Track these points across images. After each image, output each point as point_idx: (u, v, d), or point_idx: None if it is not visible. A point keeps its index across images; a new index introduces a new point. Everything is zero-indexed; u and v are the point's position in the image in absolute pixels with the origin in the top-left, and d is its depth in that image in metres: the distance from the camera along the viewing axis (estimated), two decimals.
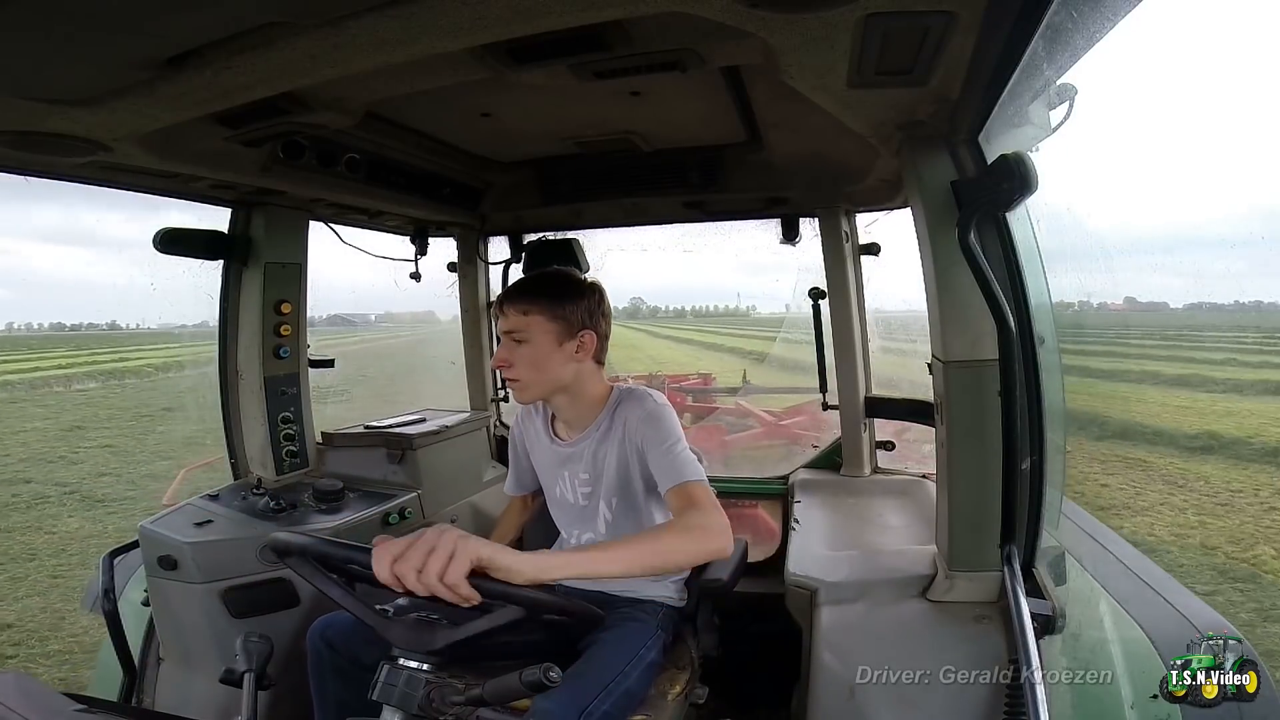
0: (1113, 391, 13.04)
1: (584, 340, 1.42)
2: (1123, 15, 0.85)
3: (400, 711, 0.91)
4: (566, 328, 1.41)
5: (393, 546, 0.89)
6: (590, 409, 1.49)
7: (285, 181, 1.62)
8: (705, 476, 1.32)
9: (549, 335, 1.40)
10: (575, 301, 1.42)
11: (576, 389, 1.46)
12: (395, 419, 2.21)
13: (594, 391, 1.48)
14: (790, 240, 2.23)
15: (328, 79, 1.01)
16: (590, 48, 1.05)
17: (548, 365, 1.41)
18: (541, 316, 1.40)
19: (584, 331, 1.42)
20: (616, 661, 1.28)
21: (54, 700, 0.84)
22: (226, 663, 1.09)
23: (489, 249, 2.50)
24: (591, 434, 1.48)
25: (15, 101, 1.01)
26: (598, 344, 1.45)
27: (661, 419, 1.39)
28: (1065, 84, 1.16)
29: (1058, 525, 1.33)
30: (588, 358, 1.44)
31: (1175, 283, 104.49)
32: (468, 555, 0.87)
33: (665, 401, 1.45)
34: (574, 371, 1.44)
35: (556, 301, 1.41)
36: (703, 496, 1.27)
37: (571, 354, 1.42)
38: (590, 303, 1.44)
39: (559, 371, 1.42)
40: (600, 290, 1.48)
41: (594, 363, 1.47)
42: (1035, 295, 1.24)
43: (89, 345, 44.94)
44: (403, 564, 0.87)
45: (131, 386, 18.81)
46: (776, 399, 8.78)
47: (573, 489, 1.53)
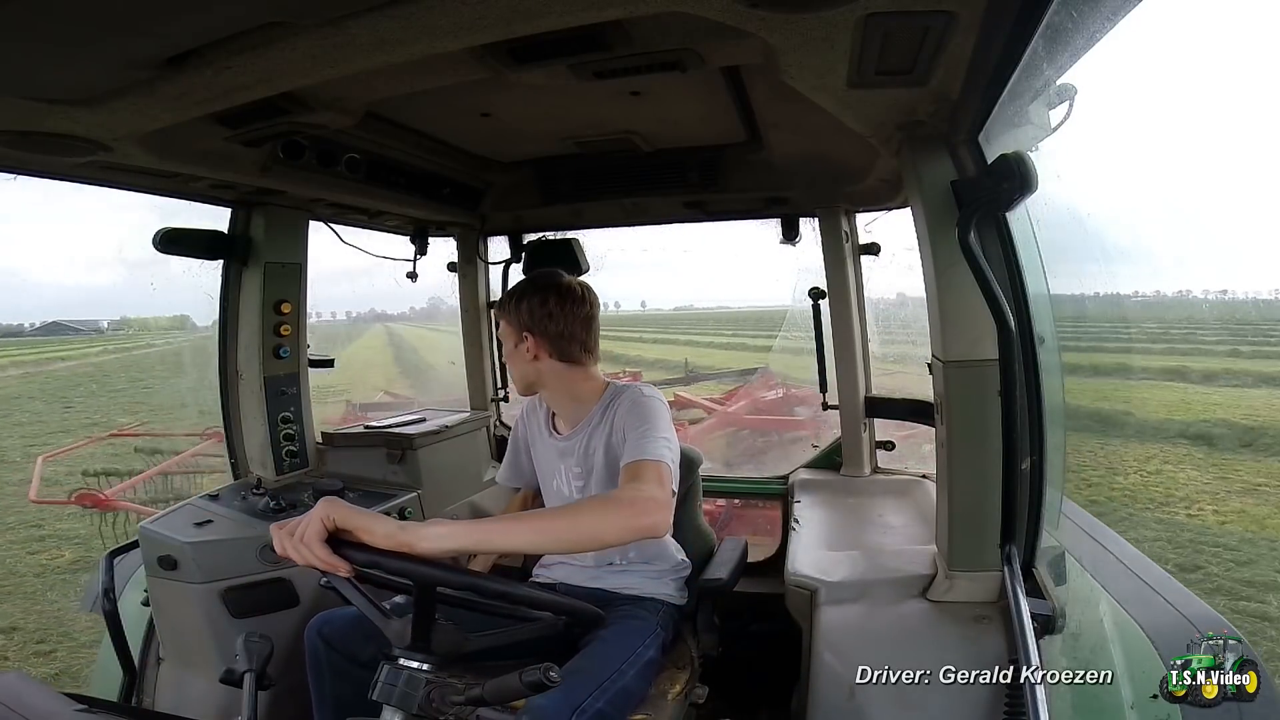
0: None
1: (529, 342, 1.46)
2: (1123, 15, 0.85)
3: (400, 711, 0.91)
4: (515, 330, 1.48)
5: (289, 522, 0.95)
6: (579, 405, 1.51)
7: (285, 181, 1.62)
8: (669, 460, 1.27)
9: (508, 337, 1.50)
10: (517, 305, 1.48)
11: (553, 386, 1.50)
12: (395, 419, 2.21)
13: (582, 388, 1.50)
14: (790, 240, 2.23)
15: (328, 79, 1.01)
16: (590, 48, 1.05)
17: (513, 365, 1.52)
18: (502, 320, 1.52)
19: (525, 333, 1.46)
20: (614, 659, 1.28)
21: (54, 700, 0.84)
22: (226, 663, 1.08)
23: (489, 249, 2.50)
24: (584, 429, 1.51)
25: (15, 101, 1.01)
26: (547, 344, 1.46)
27: (646, 406, 1.39)
28: (1065, 84, 1.16)
29: (1058, 525, 1.33)
30: (544, 357, 1.47)
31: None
32: (319, 515, 0.92)
33: (655, 393, 1.46)
34: (538, 371, 1.48)
35: (506, 304, 1.51)
36: (648, 472, 1.22)
37: (525, 355, 1.47)
38: (530, 304, 1.46)
39: (524, 370, 1.50)
40: (549, 291, 1.47)
41: (557, 362, 1.47)
42: (1035, 295, 1.24)
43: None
44: (281, 531, 0.93)
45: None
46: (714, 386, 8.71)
47: (567, 482, 1.55)
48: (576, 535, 1.05)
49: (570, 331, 1.47)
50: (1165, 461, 8.33)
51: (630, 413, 1.39)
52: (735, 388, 8.46)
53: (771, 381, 8.74)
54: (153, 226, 1.73)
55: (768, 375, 9.08)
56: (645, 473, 1.22)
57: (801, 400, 7.74)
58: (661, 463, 1.25)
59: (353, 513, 0.93)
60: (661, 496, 1.16)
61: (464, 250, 2.47)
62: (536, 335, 1.46)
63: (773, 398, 8.10)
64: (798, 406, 7.70)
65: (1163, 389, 13.15)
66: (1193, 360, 16.45)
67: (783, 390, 8.25)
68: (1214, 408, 11.18)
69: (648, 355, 16.82)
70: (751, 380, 9.20)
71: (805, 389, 8.12)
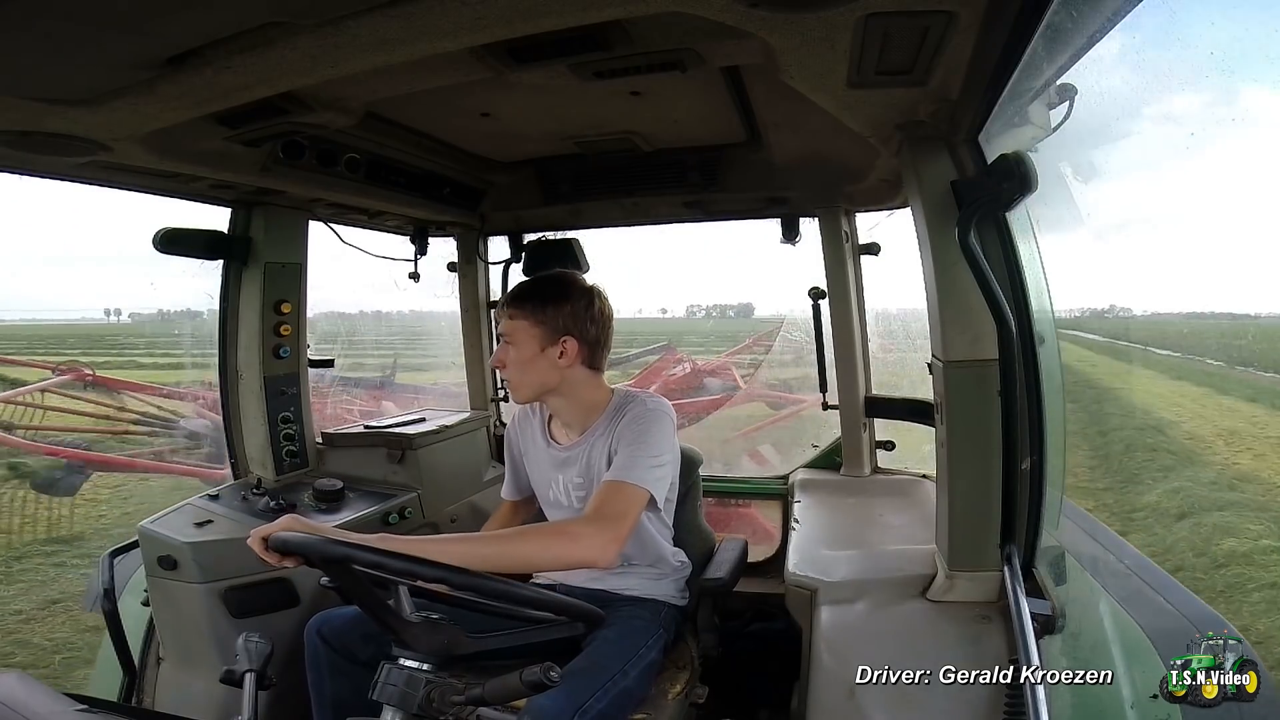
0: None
1: (566, 346, 1.40)
2: (1123, 15, 0.85)
3: (400, 711, 0.91)
4: (548, 333, 1.40)
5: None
6: (588, 413, 1.47)
7: (285, 181, 1.62)
8: (649, 487, 1.28)
9: (533, 340, 1.41)
10: (558, 306, 1.41)
11: (569, 392, 1.46)
12: (395, 419, 2.21)
13: (591, 396, 1.47)
14: (790, 240, 2.23)
15: (328, 79, 1.01)
16: (590, 47, 1.05)
17: (532, 369, 1.42)
18: (526, 321, 1.41)
19: (565, 338, 1.40)
20: (616, 660, 1.28)
21: (54, 700, 0.84)
22: (226, 663, 1.09)
23: (489, 249, 2.50)
24: (589, 438, 1.47)
25: (15, 101, 1.01)
26: (585, 350, 1.42)
27: (647, 421, 1.37)
28: (1065, 84, 1.16)
29: (1058, 525, 1.33)
30: (574, 363, 1.42)
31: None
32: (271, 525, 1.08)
33: (661, 406, 1.43)
34: (560, 377, 1.43)
35: (539, 306, 1.41)
36: (617, 500, 1.24)
37: (555, 360, 1.41)
38: (576, 308, 1.41)
39: (544, 376, 1.42)
40: (593, 294, 1.45)
41: (585, 369, 1.44)
42: (1035, 295, 1.24)
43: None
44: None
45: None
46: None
47: (566, 492, 1.51)
48: (507, 563, 1.12)
49: (604, 338, 1.45)
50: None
51: (630, 425, 1.37)
52: (643, 370, 8.32)
53: (676, 356, 8.66)
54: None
55: (672, 351, 9.01)
56: (614, 501, 1.24)
57: (711, 372, 7.73)
58: (638, 488, 1.26)
59: (293, 523, 1.08)
60: (616, 530, 1.20)
61: (464, 250, 2.47)
62: (578, 339, 1.41)
63: (681, 374, 8.04)
64: (707, 378, 7.68)
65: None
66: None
67: (689, 364, 8.19)
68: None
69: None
70: (659, 359, 9.06)
71: (710, 362, 8.08)
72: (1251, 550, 5.61)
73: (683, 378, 7.91)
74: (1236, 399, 11.96)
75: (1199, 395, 12.54)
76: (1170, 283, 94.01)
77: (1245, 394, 12.17)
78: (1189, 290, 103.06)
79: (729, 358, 7.59)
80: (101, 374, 8.91)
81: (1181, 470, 7.77)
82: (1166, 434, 9.35)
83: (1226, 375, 14.17)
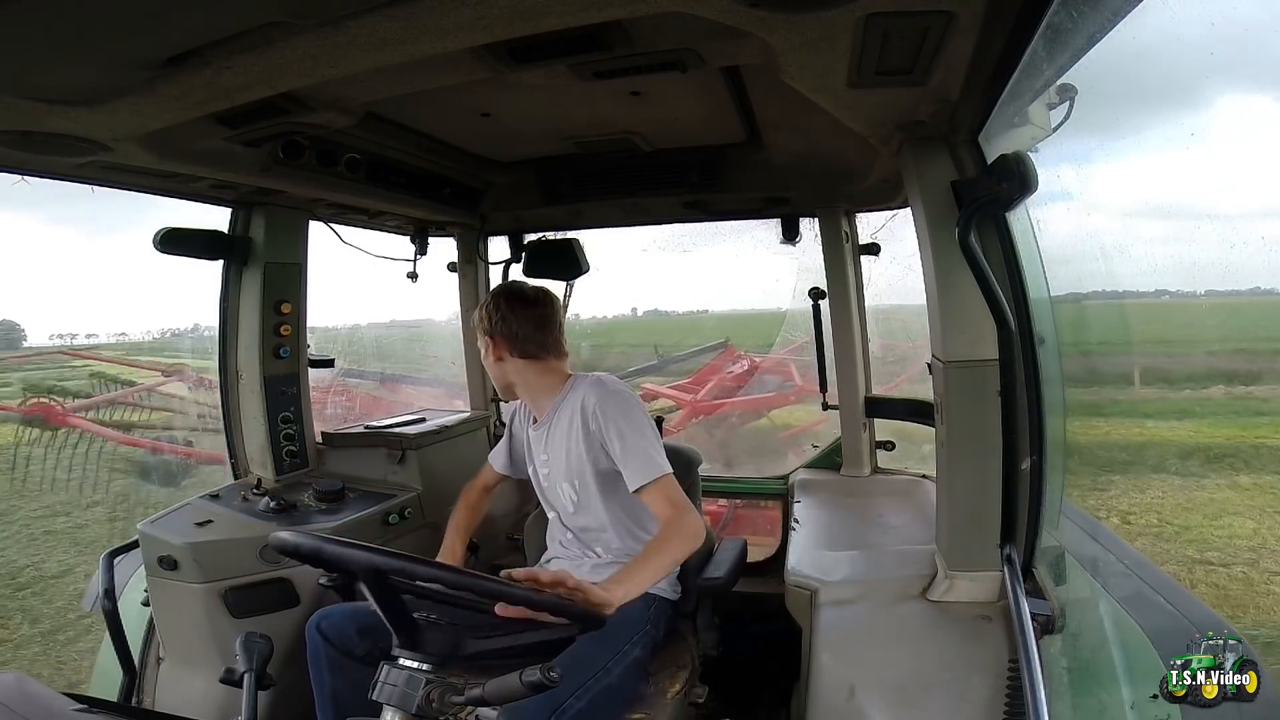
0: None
1: (493, 346, 1.59)
2: (1123, 15, 0.85)
3: (400, 711, 0.91)
4: (483, 338, 1.61)
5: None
6: (544, 397, 1.61)
7: (285, 181, 1.62)
8: (667, 466, 1.41)
9: (481, 345, 1.63)
10: (479, 314, 1.62)
11: (521, 382, 1.61)
12: (395, 419, 2.21)
13: (543, 382, 1.60)
14: (790, 240, 2.23)
15: (328, 79, 1.01)
16: (590, 48, 1.05)
17: (490, 370, 1.65)
18: (477, 330, 1.65)
19: (488, 339, 1.59)
20: (598, 658, 1.28)
21: (54, 700, 0.84)
22: (226, 663, 1.09)
23: (489, 249, 2.50)
24: (548, 419, 1.60)
25: (15, 101, 1.01)
26: (507, 344, 1.57)
27: (619, 403, 1.48)
28: (1065, 84, 1.16)
29: (1058, 525, 1.33)
30: (506, 357, 1.58)
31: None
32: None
33: (622, 386, 1.55)
34: (504, 370, 1.60)
35: (477, 317, 1.64)
36: (667, 496, 1.38)
37: (494, 359, 1.60)
38: (487, 311, 1.60)
39: (497, 373, 1.63)
40: (494, 295, 1.62)
41: (521, 360, 1.58)
42: (1035, 295, 1.23)
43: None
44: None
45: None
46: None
47: (538, 470, 1.65)
48: (671, 565, 1.33)
49: (524, 331, 1.57)
50: None
51: (602, 407, 1.46)
52: (700, 369, 8.30)
53: (735, 354, 8.65)
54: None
55: (730, 349, 8.99)
56: (670, 496, 1.38)
57: (769, 370, 7.71)
58: (667, 474, 1.40)
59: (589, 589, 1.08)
60: (694, 513, 1.37)
61: (464, 250, 2.47)
62: (497, 338, 1.58)
63: (739, 371, 8.01)
64: (766, 376, 7.67)
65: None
66: None
67: (747, 362, 8.18)
68: None
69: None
70: (716, 357, 9.05)
71: (768, 358, 8.07)
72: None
73: (740, 375, 7.91)
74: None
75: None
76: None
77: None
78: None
79: (789, 354, 7.52)
80: (202, 374, 9.14)
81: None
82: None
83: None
